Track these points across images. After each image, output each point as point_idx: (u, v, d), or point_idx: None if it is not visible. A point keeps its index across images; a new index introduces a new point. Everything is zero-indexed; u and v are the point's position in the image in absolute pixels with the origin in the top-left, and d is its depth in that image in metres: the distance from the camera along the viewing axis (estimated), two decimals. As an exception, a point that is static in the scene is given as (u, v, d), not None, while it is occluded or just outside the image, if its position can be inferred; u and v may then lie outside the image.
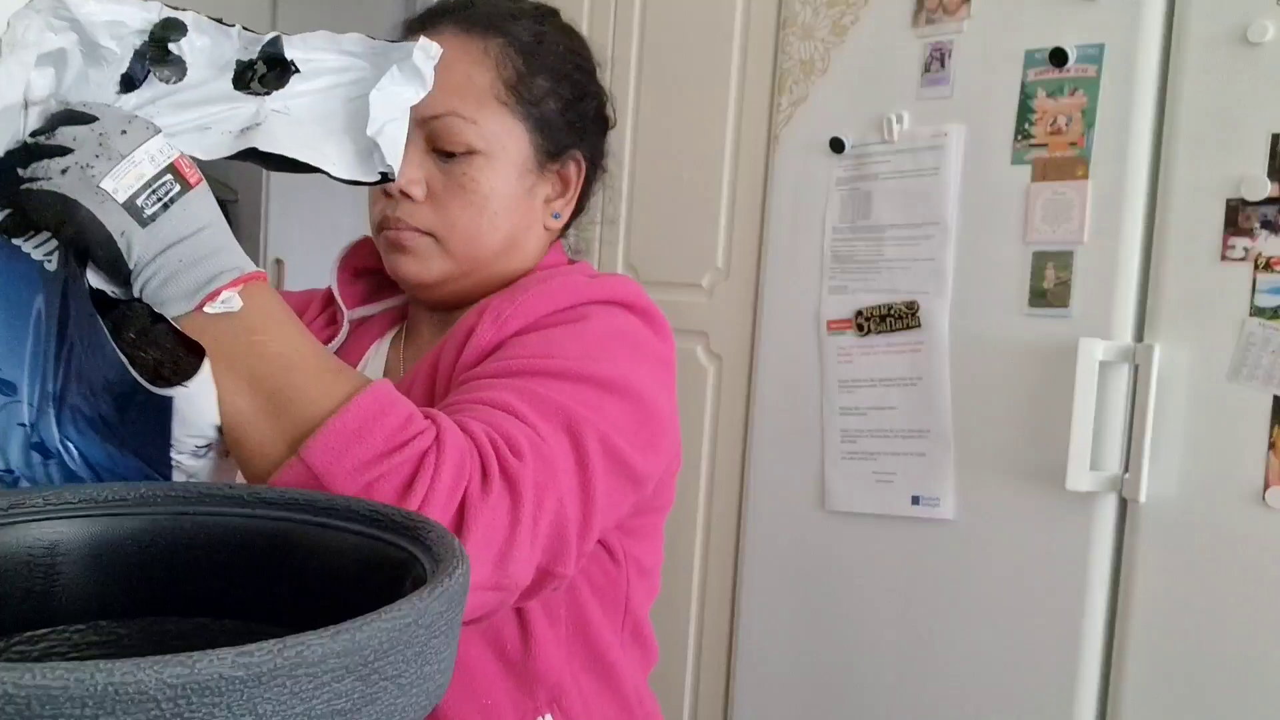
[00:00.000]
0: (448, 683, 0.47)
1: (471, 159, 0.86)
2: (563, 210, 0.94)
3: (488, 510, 0.65)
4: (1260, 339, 1.34)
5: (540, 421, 0.72)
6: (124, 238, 0.60)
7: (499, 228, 0.89)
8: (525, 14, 0.91)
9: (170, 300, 0.61)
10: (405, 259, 0.89)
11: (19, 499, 0.56)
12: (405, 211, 0.87)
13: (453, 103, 0.85)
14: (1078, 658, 1.47)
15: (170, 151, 0.62)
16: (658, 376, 0.83)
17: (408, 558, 0.52)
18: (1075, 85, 1.48)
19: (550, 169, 0.92)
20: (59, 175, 0.59)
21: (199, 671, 0.34)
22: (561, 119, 0.91)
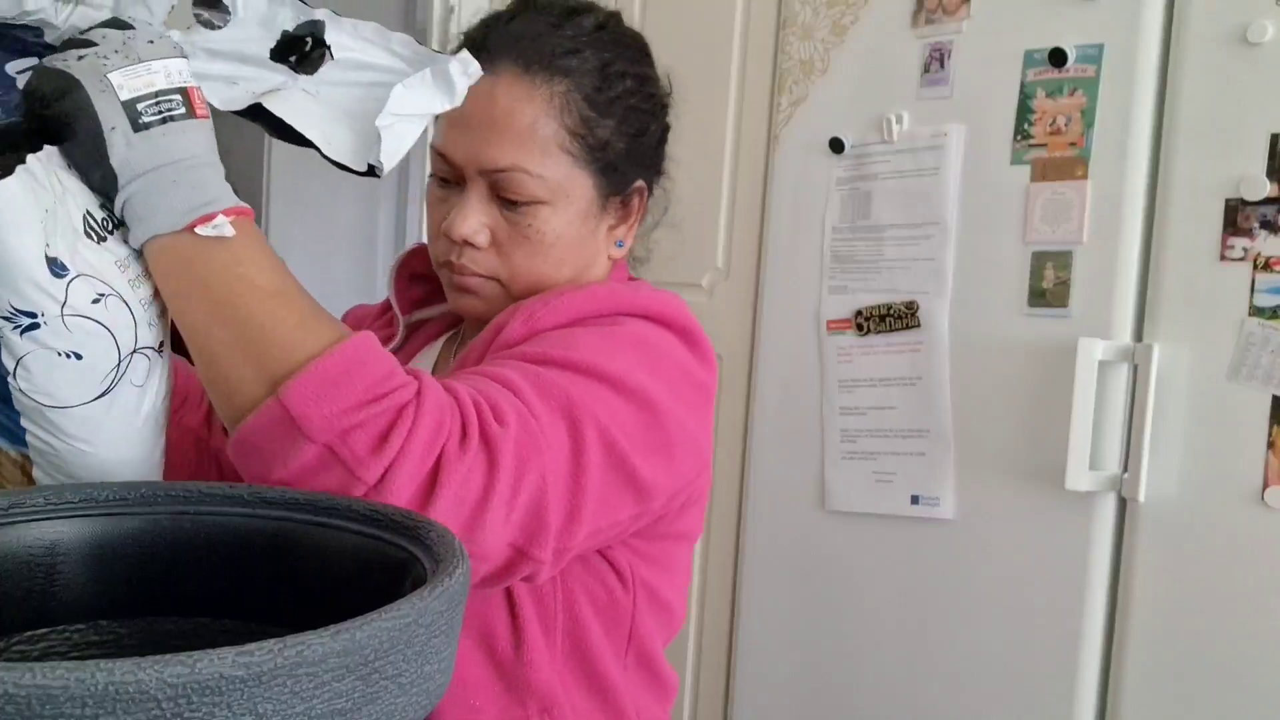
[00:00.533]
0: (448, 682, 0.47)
1: (536, 209, 0.84)
2: (626, 237, 0.93)
3: (462, 469, 0.64)
4: (1259, 339, 1.34)
5: (537, 401, 0.70)
6: (114, 133, 0.59)
7: (563, 270, 0.88)
8: (587, 41, 0.86)
9: (159, 212, 0.60)
10: (469, 300, 0.88)
11: (19, 499, 0.56)
12: (469, 258, 0.86)
13: (517, 156, 0.83)
14: (1077, 657, 1.47)
15: (189, 78, 0.61)
16: (679, 392, 0.80)
17: (408, 557, 0.52)
18: (1075, 85, 1.48)
19: (614, 203, 0.90)
20: (75, 61, 0.59)
21: (199, 671, 0.34)
22: (626, 157, 0.89)
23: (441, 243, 0.88)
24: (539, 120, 0.83)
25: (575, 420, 0.71)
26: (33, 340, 0.59)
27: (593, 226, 0.89)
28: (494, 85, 0.82)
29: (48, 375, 0.60)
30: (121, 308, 0.61)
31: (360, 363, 0.63)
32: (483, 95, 0.81)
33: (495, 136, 0.82)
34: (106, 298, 0.61)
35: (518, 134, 0.83)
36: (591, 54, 0.86)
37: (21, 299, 0.58)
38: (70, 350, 0.60)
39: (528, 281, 0.87)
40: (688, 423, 0.81)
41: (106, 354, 0.61)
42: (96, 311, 0.60)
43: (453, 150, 0.85)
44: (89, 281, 0.60)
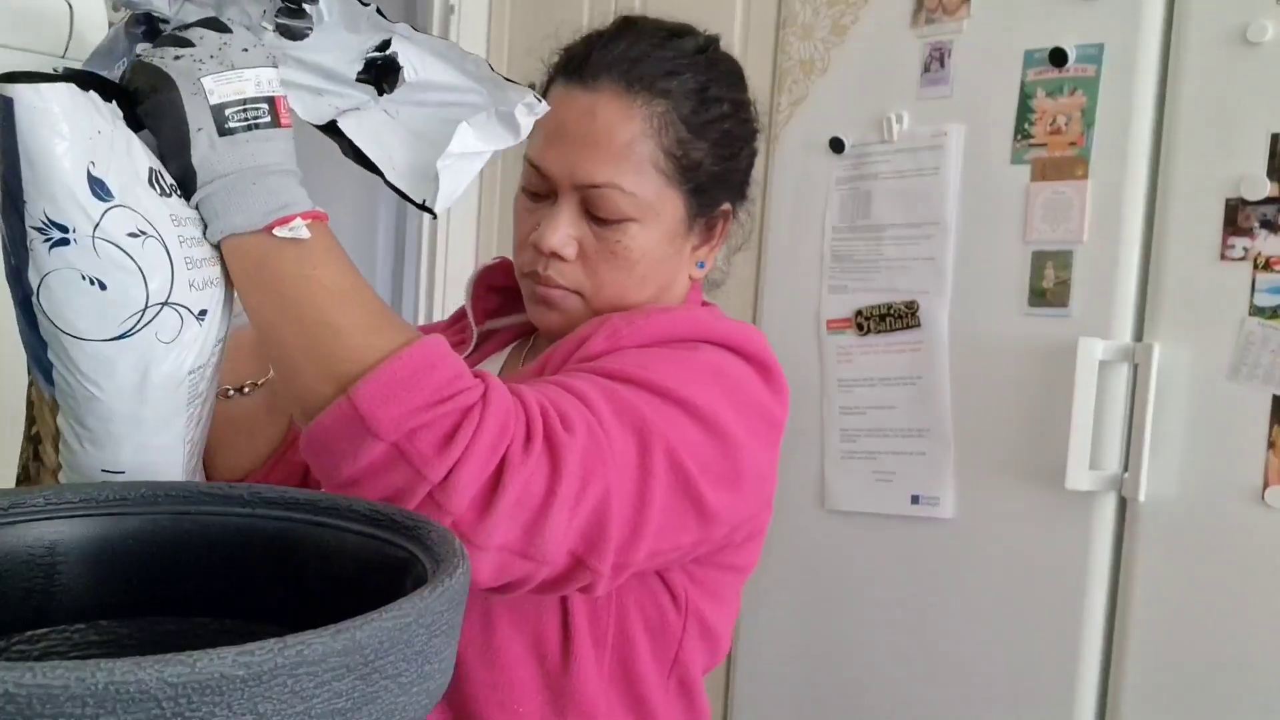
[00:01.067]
0: (448, 681, 0.47)
1: (626, 226, 0.86)
2: (707, 259, 0.95)
3: (526, 470, 0.65)
4: (1260, 338, 1.34)
5: (609, 415, 0.71)
6: (199, 134, 0.61)
7: (646, 288, 0.89)
8: (687, 64, 0.88)
9: (237, 211, 0.62)
10: (551, 313, 0.89)
11: (19, 499, 0.56)
12: (555, 270, 0.87)
13: (613, 173, 0.84)
14: (1077, 656, 1.47)
15: (278, 88, 0.63)
16: (752, 425, 0.81)
17: (408, 557, 0.52)
18: (1075, 85, 1.48)
19: (699, 224, 0.92)
20: (171, 60, 0.61)
21: (200, 670, 0.34)
22: (716, 179, 0.90)
23: (528, 253, 0.89)
24: (637, 139, 0.84)
25: (646, 439, 0.72)
26: (60, 257, 0.59)
27: (678, 246, 0.90)
28: (595, 102, 0.85)
29: (68, 299, 0.60)
30: (160, 253, 0.61)
31: (429, 365, 0.64)
32: (583, 111, 0.85)
33: (593, 152, 0.84)
34: (147, 237, 0.60)
35: (615, 151, 0.84)
36: (690, 77, 0.87)
37: (56, 209, 0.58)
38: (95, 276, 0.59)
39: (610, 296, 0.88)
40: (758, 456, 0.81)
41: (132, 293, 0.61)
42: (131, 245, 0.60)
43: (548, 163, 0.86)
44: (131, 215, 0.60)
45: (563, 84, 0.88)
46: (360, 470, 0.63)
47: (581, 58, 0.88)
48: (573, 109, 0.85)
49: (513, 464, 0.64)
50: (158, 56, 0.61)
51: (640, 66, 0.86)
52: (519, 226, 0.91)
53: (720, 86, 0.90)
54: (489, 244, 2.48)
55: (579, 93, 0.86)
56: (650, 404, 0.74)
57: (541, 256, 0.87)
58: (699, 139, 0.87)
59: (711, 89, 0.89)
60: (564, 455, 0.66)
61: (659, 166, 0.85)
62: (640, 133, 0.85)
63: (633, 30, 0.89)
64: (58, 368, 0.63)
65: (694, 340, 0.82)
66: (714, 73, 0.90)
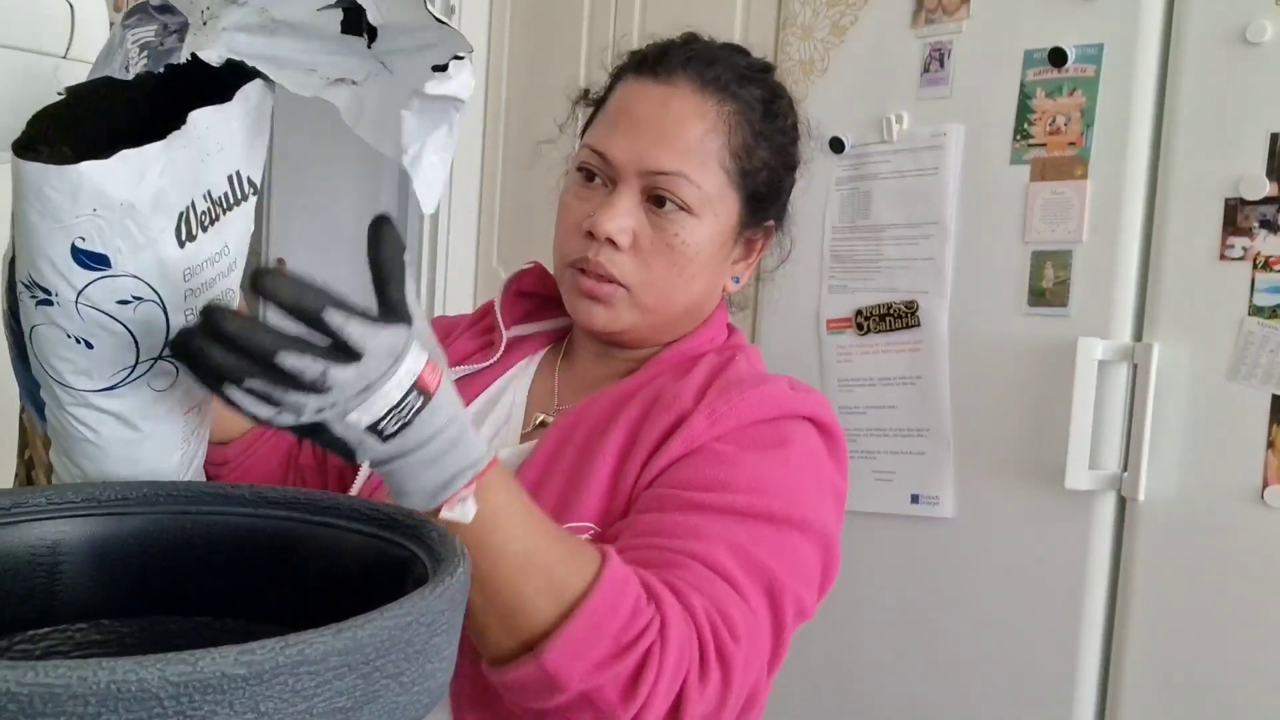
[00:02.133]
0: (449, 680, 0.47)
1: (684, 218, 0.86)
2: (743, 274, 0.96)
3: (703, 701, 0.70)
4: (1259, 338, 1.34)
5: (750, 588, 0.75)
6: (362, 447, 0.59)
7: (693, 288, 0.90)
8: (756, 78, 0.91)
9: (411, 494, 0.61)
10: (596, 309, 0.89)
11: (21, 498, 0.56)
12: (607, 257, 0.86)
13: (683, 163, 0.85)
14: (1077, 656, 1.47)
15: (419, 366, 0.58)
16: (837, 514, 0.86)
17: (409, 556, 0.52)
18: (1074, 85, 1.48)
19: (745, 234, 0.93)
20: (311, 413, 0.55)
21: (201, 669, 0.34)
22: (769, 189, 0.92)
23: (577, 240, 0.88)
24: (708, 135, 0.86)
25: (778, 601, 0.77)
26: (45, 314, 0.58)
27: (726, 252, 0.92)
28: (669, 95, 0.87)
29: (55, 351, 0.59)
30: (156, 315, 0.59)
31: (610, 612, 0.67)
32: (656, 103, 0.86)
33: (665, 141, 0.85)
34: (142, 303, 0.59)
35: (687, 143, 0.86)
36: (758, 88, 0.90)
37: (39, 274, 0.57)
38: (81, 336, 0.58)
39: (658, 293, 0.88)
40: (840, 543, 0.86)
41: (121, 353, 0.60)
42: (121, 311, 0.58)
43: (615, 150, 0.87)
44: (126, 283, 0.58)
45: (634, 78, 0.90)
46: (549, 709, 0.68)
47: (656, 56, 0.90)
48: (645, 100, 0.87)
49: (690, 696, 0.69)
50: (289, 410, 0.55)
51: (715, 69, 0.88)
52: (567, 215, 0.90)
53: (784, 104, 0.93)
54: (489, 244, 2.48)
55: (652, 85, 0.87)
56: (775, 545, 0.78)
57: (594, 243, 0.87)
58: (762, 146, 0.89)
59: (777, 104, 0.92)
60: (733, 667, 0.71)
61: (724, 165, 0.87)
62: (711, 128, 0.86)
63: (700, 39, 0.93)
64: (50, 407, 0.62)
65: (781, 419, 0.85)
66: (779, 90, 0.93)
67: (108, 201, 0.55)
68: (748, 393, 0.85)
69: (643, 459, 0.83)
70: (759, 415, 0.84)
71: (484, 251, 2.50)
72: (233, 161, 0.62)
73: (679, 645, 0.69)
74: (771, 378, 0.89)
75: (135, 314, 0.58)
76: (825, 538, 0.82)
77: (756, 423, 0.84)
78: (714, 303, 0.95)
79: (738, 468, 0.81)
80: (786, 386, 0.88)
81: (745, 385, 0.86)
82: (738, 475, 0.80)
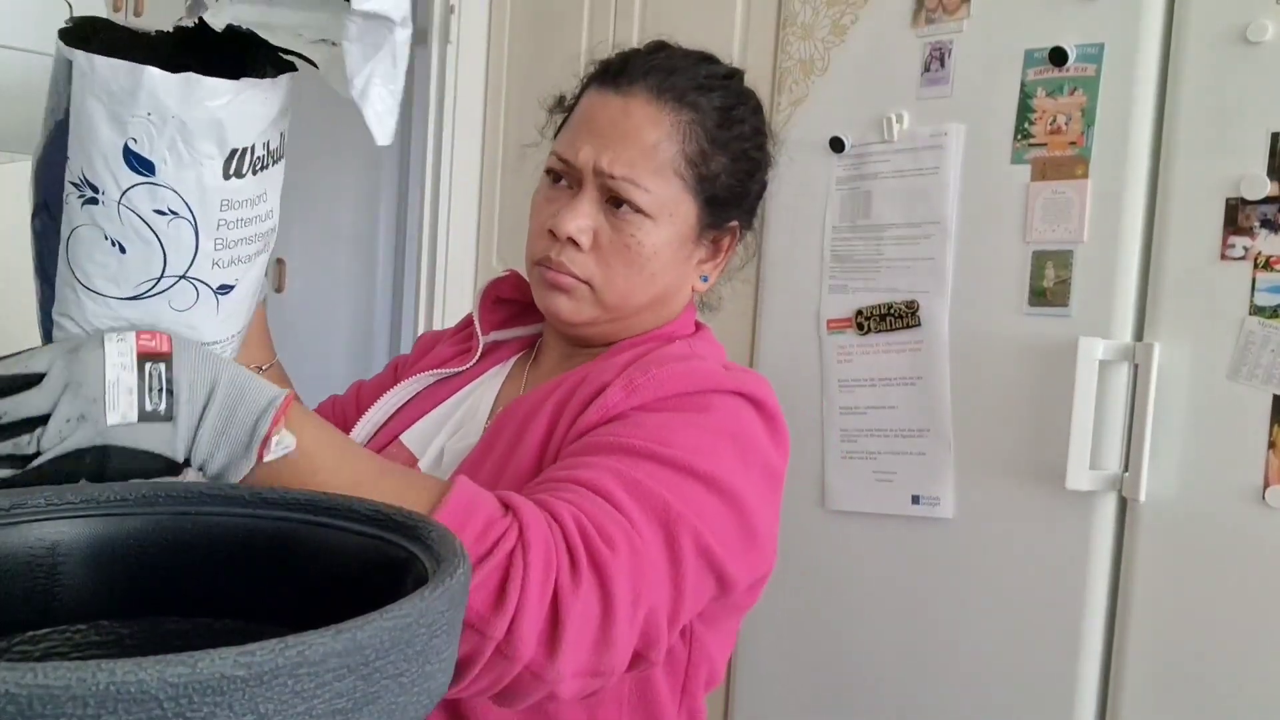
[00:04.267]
0: (449, 681, 0.47)
1: (641, 220, 0.90)
2: (711, 274, 0.99)
3: (579, 603, 0.68)
4: (1260, 338, 1.34)
5: (637, 512, 0.74)
6: (168, 445, 0.60)
7: (652, 287, 0.93)
8: (716, 85, 0.94)
9: (233, 466, 0.62)
10: (560, 298, 0.92)
11: (20, 499, 0.56)
12: (568, 257, 0.90)
13: (634, 169, 0.89)
14: (1077, 656, 1.47)
15: (128, 344, 0.61)
16: (762, 486, 0.85)
17: (409, 557, 0.52)
18: (1075, 84, 1.48)
19: (708, 236, 0.96)
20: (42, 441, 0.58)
21: (201, 671, 0.34)
22: (729, 194, 0.94)
23: (543, 240, 0.92)
24: (662, 142, 0.90)
25: (672, 530, 0.76)
26: (88, 214, 0.62)
27: (688, 252, 0.94)
28: (628, 103, 0.90)
29: (89, 254, 0.63)
30: (187, 233, 0.63)
31: (460, 526, 0.66)
32: (616, 109, 0.90)
33: (620, 146, 0.89)
34: (176, 218, 0.62)
35: (641, 149, 0.89)
36: (718, 95, 0.93)
37: (91, 169, 0.61)
38: (116, 239, 0.62)
39: (619, 291, 0.91)
40: (770, 516, 0.86)
41: (148, 261, 0.63)
42: (156, 220, 0.62)
43: (573, 154, 0.91)
44: (165, 193, 0.62)
45: (597, 89, 0.93)
46: None
47: (618, 67, 0.93)
48: (605, 109, 0.91)
49: (565, 599, 0.67)
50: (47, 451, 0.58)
51: (672, 78, 0.91)
52: (536, 216, 0.95)
53: (744, 110, 0.95)
54: (489, 244, 2.48)
55: (612, 96, 0.91)
56: (671, 484, 0.77)
57: (556, 243, 0.91)
58: (719, 153, 0.92)
59: (736, 110, 0.94)
60: (612, 575, 0.69)
61: (679, 171, 0.90)
62: (666, 137, 0.90)
63: (666, 49, 0.96)
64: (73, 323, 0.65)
65: (707, 391, 0.85)
66: (740, 97, 0.96)
67: (162, 110, 0.60)
68: (670, 365, 0.86)
69: (563, 435, 0.85)
70: (680, 388, 0.85)
71: (484, 251, 2.50)
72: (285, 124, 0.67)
73: (543, 549, 0.67)
74: (704, 357, 0.91)
75: (169, 227, 0.63)
76: (738, 500, 0.81)
77: (678, 395, 0.85)
78: (681, 301, 0.97)
79: (641, 426, 0.81)
80: (718, 366, 0.89)
81: (669, 360, 0.87)
82: (640, 431, 0.80)
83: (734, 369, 0.90)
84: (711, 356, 0.94)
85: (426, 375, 1.03)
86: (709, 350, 0.96)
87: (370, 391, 1.09)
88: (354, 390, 1.13)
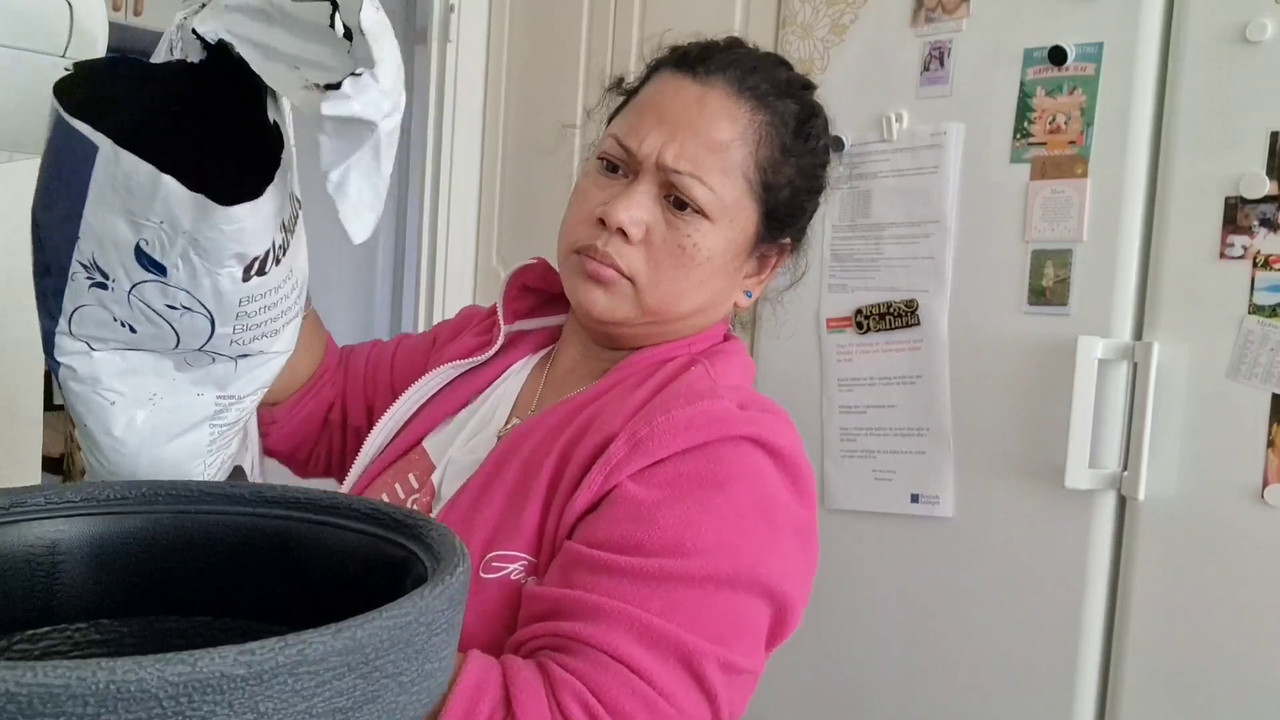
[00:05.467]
0: (448, 680, 0.47)
1: (699, 221, 0.84)
2: (754, 289, 0.93)
3: None
4: (1259, 337, 1.34)
5: (655, 664, 0.71)
6: None
7: (698, 295, 0.87)
8: (794, 91, 0.89)
9: None
10: (597, 292, 0.85)
11: (20, 498, 0.56)
12: (615, 248, 0.84)
13: (701, 165, 0.83)
14: (1077, 655, 1.47)
15: None
16: (793, 557, 0.79)
17: (409, 556, 0.52)
18: (1074, 84, 1.48)
19: (759, 249, 0.90)
20: None
21: (201, 669, 0.34)
22: (790, 208, 0.89)
23: (586, 228, 0.86)
24: (735, 141, 0.84)
25: (696, 669, 0.72)
26: (95, 296, 0.59)
27: (739, 263, 0.89)
28: (705, 94, 0.84)
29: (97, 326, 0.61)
30: (203, 325, 0.60)
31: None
32: (691, 98, 0.84)
33: (691, 139, 0.83)
34: (189, 312, 0.59)
35: (712, 145, 0.83)
36: (795, 103, 0.88)
37: (102, 256, 0.58)
38: (126, 321, 0.60)
39: (663, 294, 0.85)
40: (803, 584, 0.81)
41: (159, 339, 0.61)
42: (169, 314, 0.59)
43: (637, 141, 0.84)
44: (178, 294, 0.58)
45: (671, 72, 0.87)
46: None
47: (698, 55, 0.87)
48: (679, 95, 0.85)
49: None
50: None
51: (755, 76, 0.86)
52: (582, 202, 0.87)
53: (818, 124, 0.91)
54: (489, 244, 2.48)
55: (688, 82, 0.85)
56: (693, 608, 0.72)
57: (604, 232, 0.84)
58: (789, 163, 0.87)
59: (812, 123, 0.90)
60: None
61: (747, 175, 0.85)
62: (740, 136, 0.84)
63: (746, 46, 0.91)
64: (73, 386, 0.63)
65: (719, 441, 0.77)
66: (815, 110, 0.91)
67: (174, 222, 0.56)
68: (676, 413, 0.78)
69: (569, 490, 0.79)
70: (688, 442, 0.77)
71: (483, 250, 2.50)
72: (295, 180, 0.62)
73: None
74: (717, 392, 0.81)
75: (182, 319, 0.60)
76: (770, 591, 0.76)
77: (685, 452, 0.77)
78: (720, 313, 0.92)
79: (654, 525, 0.74)
80: (732, 403, 0.80)
81: (678, 402, 0.79)
82: (655, 534, 0.74)
83: (750, 405, 0.82)
84: (734, 380, 0.87)
85: (449, 368, 0.97)
86: (732, 372, 0.88)
87: (404, 361, 1.04)
88: (394, 346, 1.07)
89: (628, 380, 0.86)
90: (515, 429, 0.87)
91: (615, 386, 0.86)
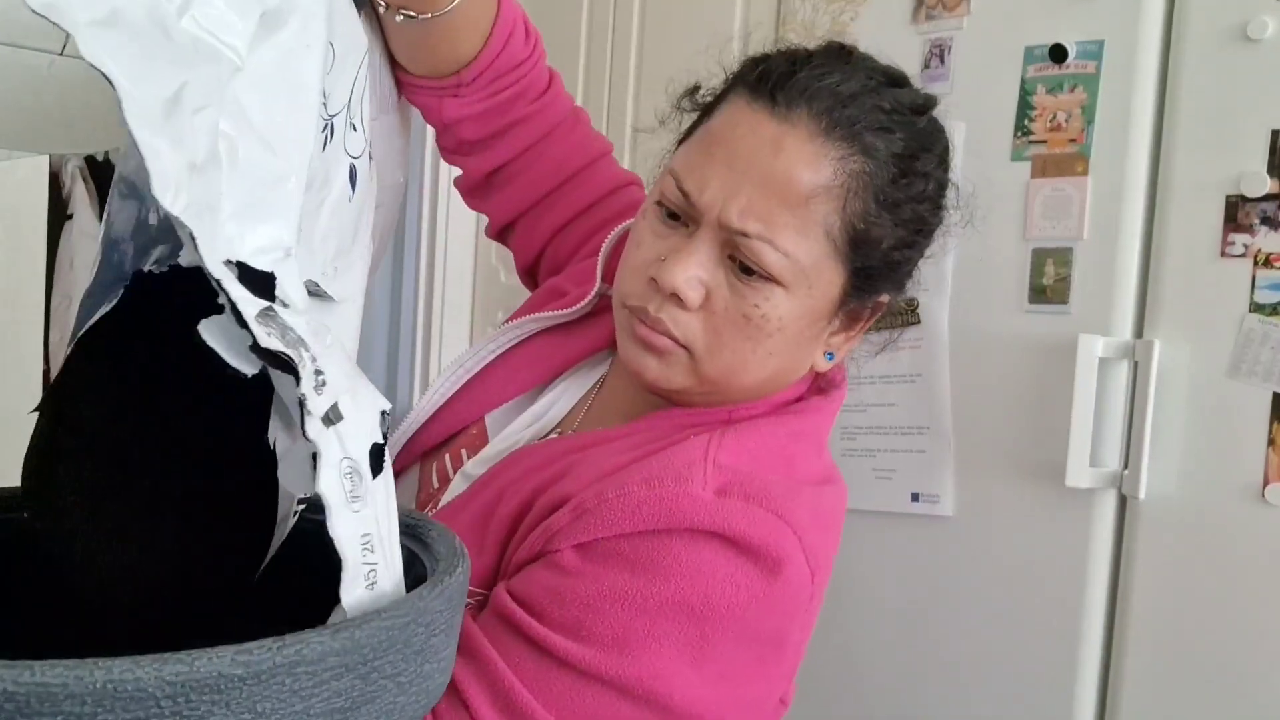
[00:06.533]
0: (447, 681, 0.47)
1: (770, 290, 0.71)
2: (840, 350, 0.80)
3: None
4: (1259, 335, 1.34)
5: None
6: None
7: (767, 366, 0.74)
8: (903, 122, 0.73)
9: None
10: (649, 360, 0.74)
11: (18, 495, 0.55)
12: (669, 315, 0.72)
13: (772, 225, 0.69)
14: (1077, 654, 1.47)
15: None
16: (731, 674, 0.69)
17: (408, 556, 0.52)
18: (1075, 82, 1.48)
19: (847, 308, 0.77)
20: None
21: (198, 669, 0.34)
22: (886, 265, 0.76)
23: (639, 284, 0.73)
24: (818, 195, 0.70)
25: None
26: None
27: (819, 329, 0.76)
28: (783, 135, 0.70)
29: None
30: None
31: None
32: (764, 139, 0.70)
33: (760, 191, 0.69)
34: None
35: (786, 200, 0.69)
36: (901, 138, 0.72)
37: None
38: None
39: (724, 366, 0.73)
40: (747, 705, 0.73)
41: None
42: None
43: (698, 187, 0.71)
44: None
45: (747, 99, 0.72)
46: None
47: (782, 76, 0.71)
48: (752, 135, 0.70)
49: None
50: None
51: (849, 109, 0.70)
52: (636, 250, 0.75)
53: (929, 160, 0.75)
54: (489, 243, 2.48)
55: (766, 118, 0.70)
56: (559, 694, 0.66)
57: (657, 294, 0.72)
58: (886, 216, 0.73)
59: (920, 161, 0.74)
60: None
61: (831, 234, 0.71)
62: (824, 189, 0.70)
63: (847, 62, 0.74)
64: None
65: (671, 531, 0.68)
66: (928, 141, 0.75)
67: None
68: (631, 492, 0.68)
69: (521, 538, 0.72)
70: (633, 526, 0.67)
71: (483, 251, 2.50)
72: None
73: None
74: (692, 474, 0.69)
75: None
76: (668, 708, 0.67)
77: (627, 535, 0.68)
78: (794, 378, 0.79)
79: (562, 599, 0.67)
80: (708, 488, 0.69)
81: (638, 479, 0.69)
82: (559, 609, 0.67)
83: (732, 492, 0.69)
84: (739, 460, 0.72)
85: (531, 321, 0.85)
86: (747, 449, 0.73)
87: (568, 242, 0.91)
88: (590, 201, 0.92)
89: (638, 435, 0.76)
90: (505, 457, 0.80)
91: (624, 439, 0.76)
